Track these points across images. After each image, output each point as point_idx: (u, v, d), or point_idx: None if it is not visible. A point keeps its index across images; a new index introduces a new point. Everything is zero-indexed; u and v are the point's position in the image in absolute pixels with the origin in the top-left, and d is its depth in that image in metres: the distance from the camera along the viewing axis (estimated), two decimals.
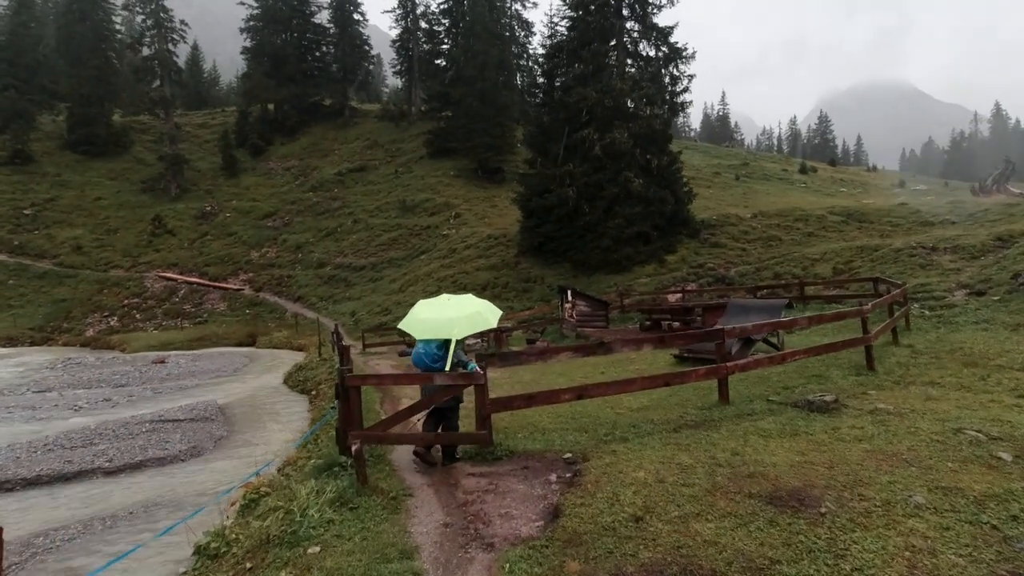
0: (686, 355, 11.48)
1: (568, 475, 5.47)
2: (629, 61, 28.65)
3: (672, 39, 27.09)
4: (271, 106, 63.19)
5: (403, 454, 6.87)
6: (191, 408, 12.05)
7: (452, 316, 6.04)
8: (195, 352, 28.15)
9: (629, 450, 5.86)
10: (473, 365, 6.09)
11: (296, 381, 16.37)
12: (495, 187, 46.77)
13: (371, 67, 79.80)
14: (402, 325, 6.34)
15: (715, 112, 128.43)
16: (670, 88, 27.32)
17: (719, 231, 26.29)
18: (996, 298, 13.76)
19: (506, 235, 33.83)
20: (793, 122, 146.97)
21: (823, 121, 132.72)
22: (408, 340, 20.45)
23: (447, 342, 6.09)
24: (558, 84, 29.62)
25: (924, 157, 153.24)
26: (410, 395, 10.75)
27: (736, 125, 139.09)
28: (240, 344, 31.13)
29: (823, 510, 3.91)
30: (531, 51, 59.13)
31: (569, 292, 20.21)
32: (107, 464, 8.04)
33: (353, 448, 5.18)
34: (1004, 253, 17.22)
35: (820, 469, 4.72)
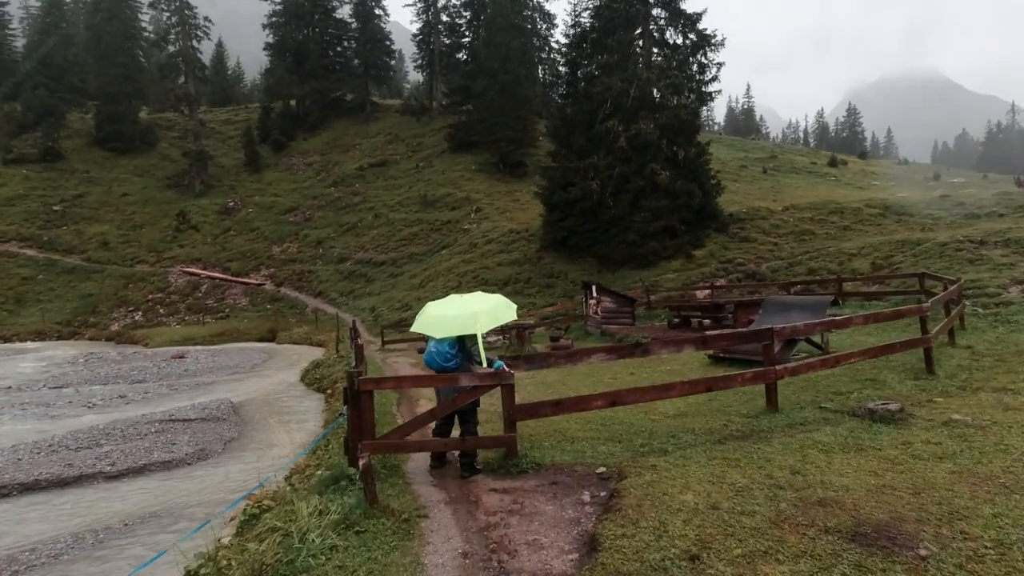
0: (722, 355, 10.73)
1: (603, 494, 4.84)
2: (655, 50, 27.70)
3: (700, 25, 26.09)
4: (293, 102, 63.31)
5: (419, 463, 6.30)
6: (203, 407, 11.68)
7: (476, 310, 5.69)
8: (215, 347, 28.10)
9: (671, 465, 5.20)
10: (500, 363, 5.72)
11: (313, 379, 15.98)
12: (517, 181, 46.10)
13: (392, 62, 79.65)
14: (417, 327, 5.87)
15: (740, 105, 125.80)
16: (698, 77, 26.33)
17: (748, 225, 25.29)
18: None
19: (528, 230, 33.16)
20: (820, 115, 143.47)
21: (851, 114, 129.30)
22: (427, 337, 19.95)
23: (460, 340, 5.80)
24: (581, 75, 28.81)
25: (958, 150, 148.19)
26: (429, 396, 10.20)
27: (761, 118, 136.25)
28: (260, 340, 31.05)
29: (923, 552, 3.21)
30: (553, 44, 58.35)
31: (594, 288, 19.50)
32: (109, 468, 7.64)
33: (361, 463, 4.61)
34: None
35: (904, 496, 4.01)
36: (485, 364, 5.67)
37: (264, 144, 59.35)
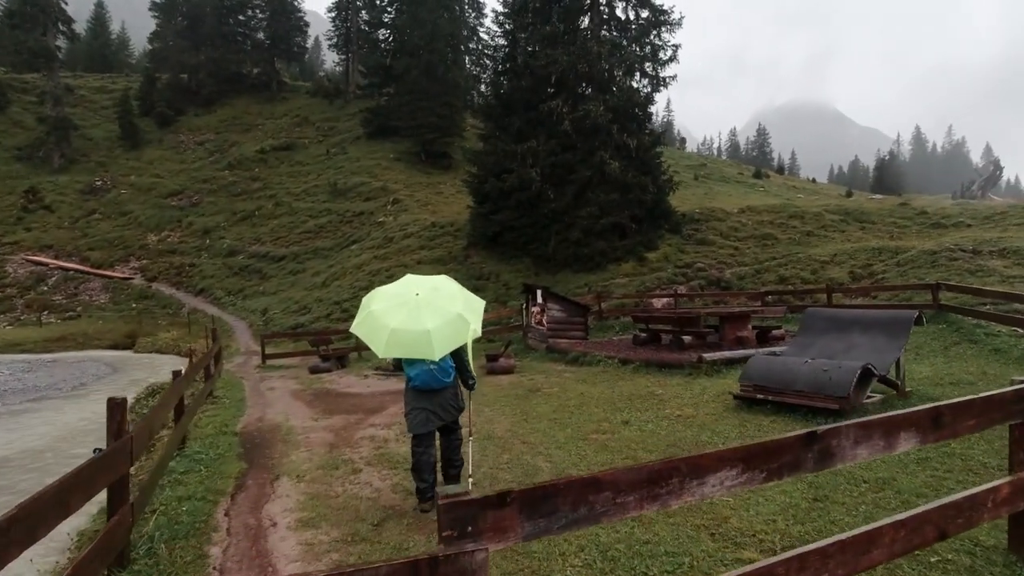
0: (758, 397, 7.20)
1: None
2: (605, 29, 24.50)
3: (656, 1, 23.18)
4: (185, 75, 55.36)
5: None
6: None
7: (455, 310, 4.78)
8: (46, 357, 21.78)
9: None
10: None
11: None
12: (440, 173, 41.88)
13: (306, 43, 72.80)
14: (404, 351, 4.63)
15: (660, 118, 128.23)
16: (651, 59, 23.42)
17: (704, 227, 22.61)
18: None
19: (454, 224, 29.06)
20: (733, 133, 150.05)
21: (761, 134, 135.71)
22: (327, 352, 15.37)
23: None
24: (521, 48, 25.14)
25: (851, 175, 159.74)
26: (300, 462, 5.91)
27: (678, 133, 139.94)
28: (115, 346, 24.85)
29: None
30: (483, 34, 54.54)
31: (539, 293, 15.75)
32: None
33: None
34: None
35: None
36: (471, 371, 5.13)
37: (147, 117, 51.33)
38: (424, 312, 4.68)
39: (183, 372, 6.56)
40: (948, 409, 2.83)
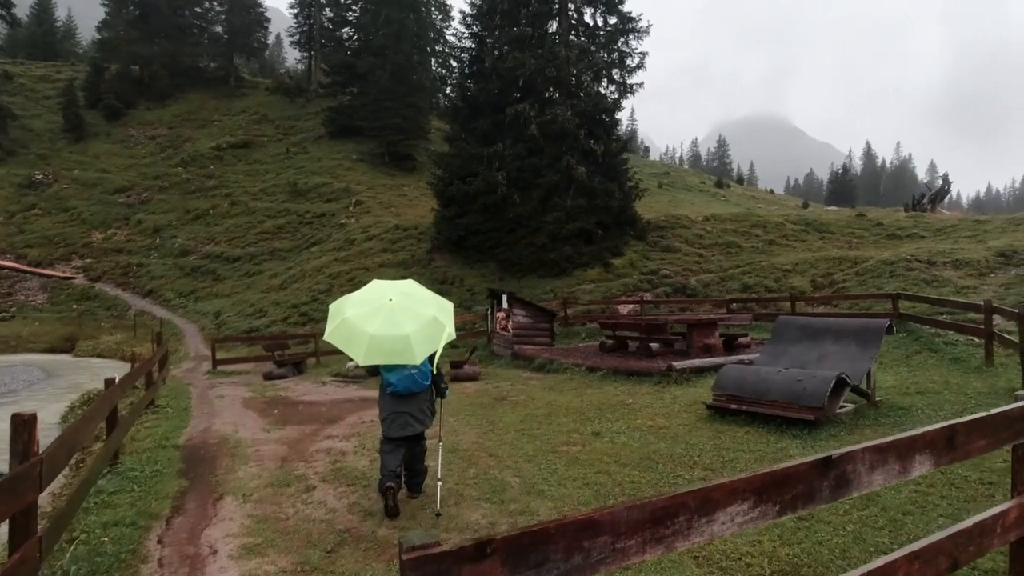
0: (732, 407, 7.02)
1: None
2: (573, 35, 24.42)
3: (624, 8, 23.26)
4: (136, 66, 52.95)
5: None
6: None
7: (429, 313, 4.87)
8: None
9: None
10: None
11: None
12: (405, 175, 41.18)
13: (267, 40, 70.93)
14: (365, 356, 4.57)
15: (625, 127, 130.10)
16: (619, 66, 23.45)
17: (669, 234, 22.71)
18: None
19: (418, 227, 28.49)
20: (695, 144, 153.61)
21: (721, 146, 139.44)
22: (283, 357, 14.67)
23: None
24: (487, 50, 24.84)
25: (806, 186, 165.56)
26: (244, 482, 5.38)
27: (641, 142, 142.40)
28: (52, 350, 23.32)
29: None
30: (450, 36, 54.04)
31: (504, 298, 15.42)
32: None
33: None
34: (1018, 271, 14.65)
35: None
36: (434, 371, 5.20)
37: (93, 110, 48.88)
38: (400, 316, 4.71)
39: (116, 380, 5.94)
40: (962, 428, 2.60)
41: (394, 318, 4.70)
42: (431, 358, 4.99)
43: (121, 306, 29.72)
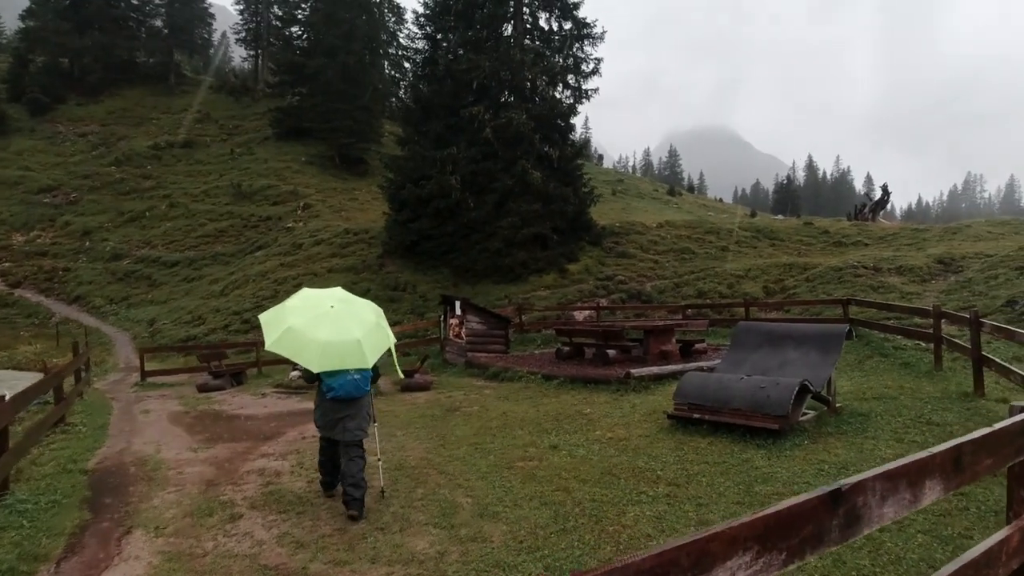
0: (694, 416, 6.75)
1: None
2: (528, 39, 24.22)
3: (579, 14, 23.22)
4: (65, 58, 49.82)
5: None
6: None
7: (370, 319, 5.08)
8: None
9: None
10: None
11: None
12: (356, 179, 40.12)
13: (209, 36, 68.26)
14: (319, 362, 4.69)
15: (580, 134, 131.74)
16: (574, 71, 23.39)
17: (624, 240, 22.72)
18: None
19: (368, 232, 27.64)
20: (647, 153, 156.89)
21: (672, 155, 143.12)
22: (219, 367, 13.72)
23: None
24: (442, 52, 24.38)
25: (753, 197, 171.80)
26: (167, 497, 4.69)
27: (595, 150, 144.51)
28: None
29: None
30: (402, 39, 53.14)
31: (458, 304, 14.92)
32: None
33: None
34: (957, 277, 15.19)
35: None
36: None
37: (16, 104, 45.69)
38: (347, 323, 4.86)
39: (6, 397, 5.16)
40: (969, 447, 2.30)
41: (341, 324, 4.83)
42: (375, 367, 5.07)
43: (43, 313, 27.60)
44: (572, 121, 23.44)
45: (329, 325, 4.81)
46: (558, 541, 4.25)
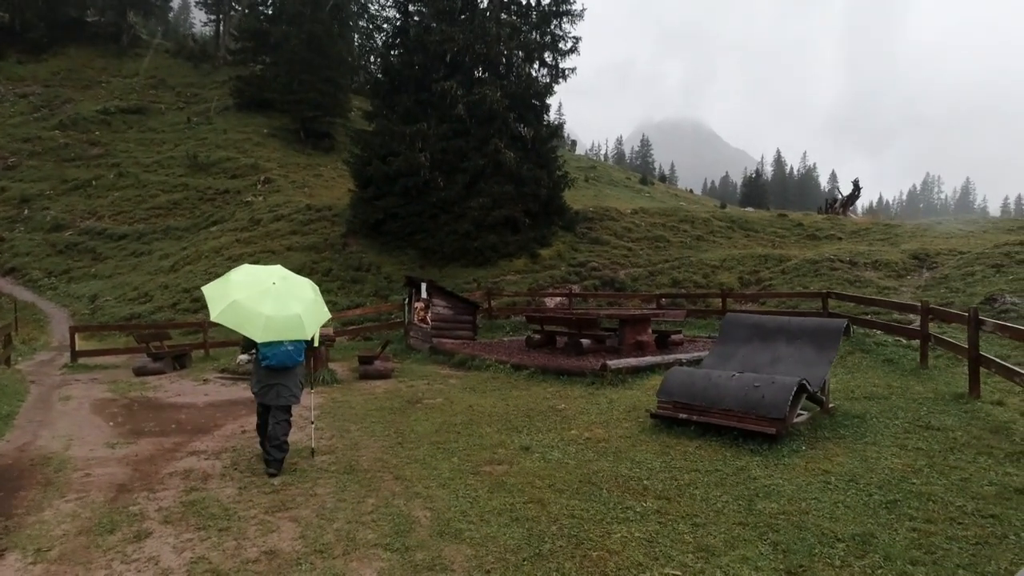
0: (680, 416, 6.12)
1: None
2: (504, 13, 23.14)
3: None
4: (5, 13, 46.32)
5: None
6: None
7: (307, 296, 5.60)
8: None
9: None
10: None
11: None
12: (321, 155, 38.44)
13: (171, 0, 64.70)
14: (263, 334, 5.15)
15: (554, 119, 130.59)
16: (551, 48, 22.48)
17: (598, 226, 22.12)
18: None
19: (332, 209, 26.37)
20: (620, 142, 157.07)
21: (644, 145, 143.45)
22: (160, 348, 12.60)
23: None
24: (412, 22, 23.17)
25: (722, 189, 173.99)
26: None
27: (569, 136, 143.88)
28: None
29: None
30: (373, 10, 51.10)
31: (424, 287, 14.06)
32: None
33: None
34: (932, 274, 15.04)
35: None
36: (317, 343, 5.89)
37: None
38: (287, 299, 5.35)
39: None
40: None
41: (283, 300, 5.32)
42: (310, 340, 5.57)
43: None
44: (548, 101, 22.60)
45: (272, 301, 5.26)
46: (533, 570, 3.55)
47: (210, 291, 5.37)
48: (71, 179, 34.30)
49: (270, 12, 42.60)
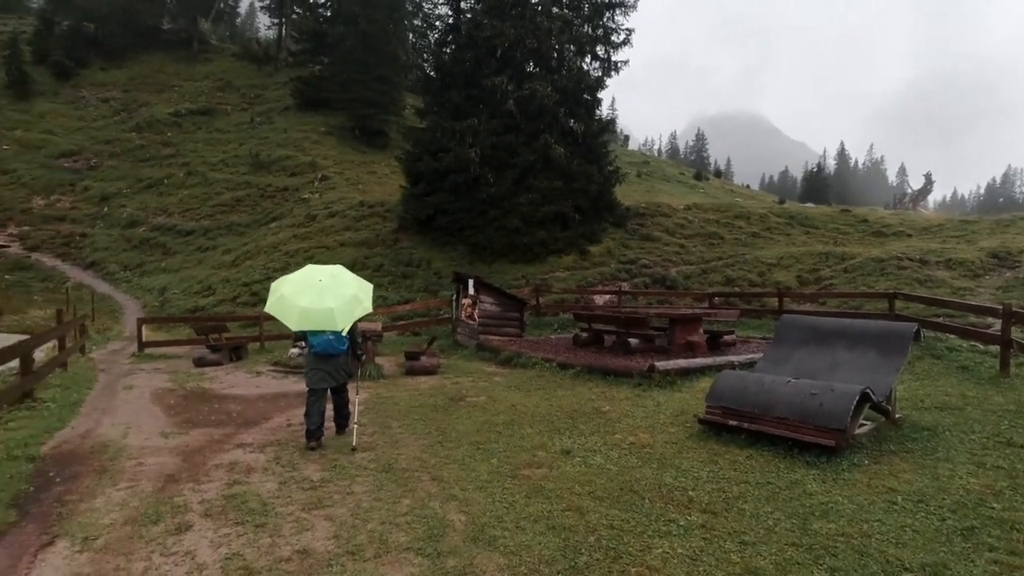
0: (730, 423, 5.80)
1: None
2: (555, 7, 22.86)
3: None
4: (90, 23, 49.42)
5: None
6: None
7: (351, 293, 6.07)
8: None
9: None
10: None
11: None
12: (375, 152, 39.23)
13: (236, 2, 67.60)
14: (297, 323, 5.86)
15: (606, 114, 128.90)
16: (604, 41, 22.04)
17: (649, 222, 21.58)
18: None
19: (384, 205, 26.84)
20: (674, 136, 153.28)
21: (700, 139, 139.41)
22: (218, 340, 13.10)
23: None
24: (465, 18, 23.20)
25: (780, 184, 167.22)
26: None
27: (621, 131, 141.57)
28: None
29: None
30: (426, 9, 51.65)
31: (471, 283, 14.05)
32: None
33: None
34: (1014, 273, 13.86)
35: None
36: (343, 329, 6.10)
37: (41, 66, 45.52)
38: (326, 294, 5.92)
39: None
40: None
41: (322, 295, 5.91)
42: (351, 333, 6.25)
43: (58, 278, 27.42)
44: (599, 95, 22.17)
45: (312, 294, 5.88)
46: None
47: (273, 285, 6.16)
48: (145, 178, 36.32)
49: (328, 14, 43.72)
